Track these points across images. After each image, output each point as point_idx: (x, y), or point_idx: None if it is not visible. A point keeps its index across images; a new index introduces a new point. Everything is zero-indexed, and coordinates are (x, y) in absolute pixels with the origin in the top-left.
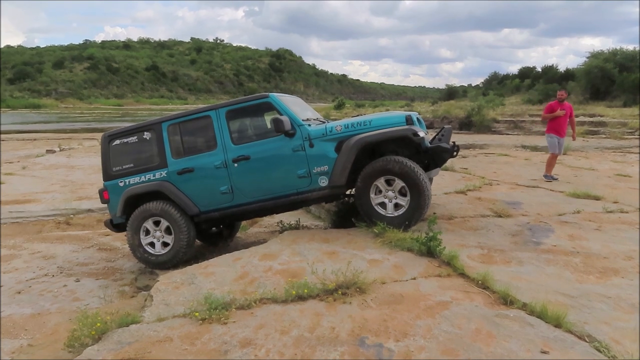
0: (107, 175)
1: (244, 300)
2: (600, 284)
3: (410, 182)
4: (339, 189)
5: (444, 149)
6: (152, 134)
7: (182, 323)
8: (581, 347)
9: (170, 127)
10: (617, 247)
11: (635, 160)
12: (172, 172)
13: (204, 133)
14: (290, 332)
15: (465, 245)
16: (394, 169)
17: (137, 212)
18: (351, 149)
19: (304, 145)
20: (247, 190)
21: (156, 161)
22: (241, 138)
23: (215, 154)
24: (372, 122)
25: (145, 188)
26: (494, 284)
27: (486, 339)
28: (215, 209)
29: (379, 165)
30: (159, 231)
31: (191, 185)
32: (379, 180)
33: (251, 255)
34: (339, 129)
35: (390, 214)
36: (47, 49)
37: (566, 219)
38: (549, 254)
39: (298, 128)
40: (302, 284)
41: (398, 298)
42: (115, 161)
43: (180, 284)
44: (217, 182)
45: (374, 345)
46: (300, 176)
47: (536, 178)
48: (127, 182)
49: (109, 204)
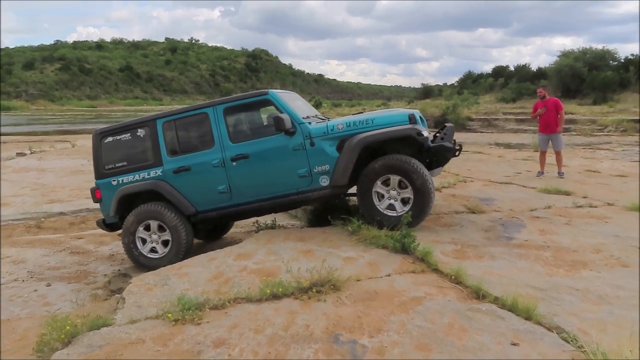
0: (99, 174)
1: (218, 300)
2: (569, 277)
3: (415, 181)
4: (341, 188)
5: (447, 149)
6: (147, 131)
7: (155, 324)
8: (550, 338)
9: (166, 124)
10: (586, 241)
11: (604, 156)
12: (168, 171)
13: (200, 130)
14: (264, 330)
15: (439, 242)
16: (399, 167)
17: (131, 214)
18: (354, 148)
19: (304, 144)
20: (246, 190)
21: (151, 159)
22: (239, 136)
23: (212, 152)
24: (374, 121)
25: (139, 187)
26: (466, 279)
27: (459, 333)
28: (213, 209)
29: (383, 163)
30: (154, 233)
31: (188, 184)
32: (382, 179)
33: (226, 255)
34: (340, 127)
35: (393, 213)
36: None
37: (537, 214)
38: (520, 248)
39: (298, 126)
40: (277, 283)
41: (372, 295)
42: (107, 159)
43: (153, 285)
44: (214, 181)
45: (348, 342)
46: (300, 175)
47: (509, 175)
48: (120, 181)
49: (102, 203)
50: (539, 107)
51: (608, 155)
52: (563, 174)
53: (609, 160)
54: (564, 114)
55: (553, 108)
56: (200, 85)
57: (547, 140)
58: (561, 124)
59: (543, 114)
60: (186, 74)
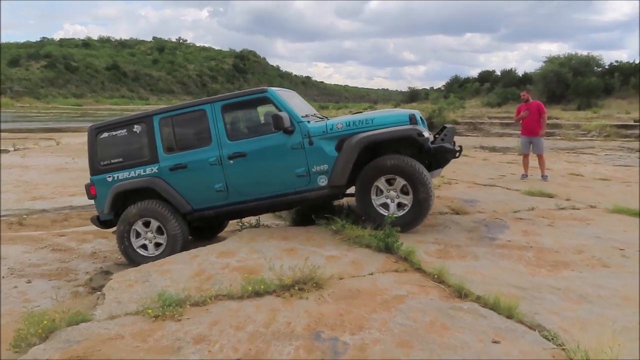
0: (94, 170)
1: (199, 296)
2: (551, 277)
3: (415, 182)
4: (339, 188)
5: (448, 150)
6: (143, 127)
7: (135, 320)
8: (531, 336)
9: (162, 120)
10: (568, 242)
11: (587, 160)
12: (164, 168)
13: (198, 127)
14: (245, 327)
15: (423, 241)
16: (400, 168)
17: (136, 207)
18: (353, 148)
19: (303, 143)
20: (243, 189)
21: (147, 156)
22: (237, 134)
23: (209, 149)
24: (374, 121)
25: (135, 184)
26: (449, 278)
27: (440, 331)
28: (209, 207)
29: (383, 163)
30: (150, 232)
31: (184, 182)
32: (381, 180)
33: (209, 252)
34: (340, 126)
35: (399, 212)
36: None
37: (521, 216)
38: (503, 248)
39: (297, 125)
40: (259, 280)
41: (355, 293)
42: (103, 155)
43: (135, 281)
44: (211, 180)
45: (329, 339)
46: (298, 175)
47: (493, 177)
48: (115, 177)
49: (96, 200)
50: (522, 110)
51: (591, 160)
52: (546, 177)
53: (592, 164)
54: (547, 118)
55: (536, 111)
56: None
57: (529, 143)
58: (543, 127)
59: (526, 117)
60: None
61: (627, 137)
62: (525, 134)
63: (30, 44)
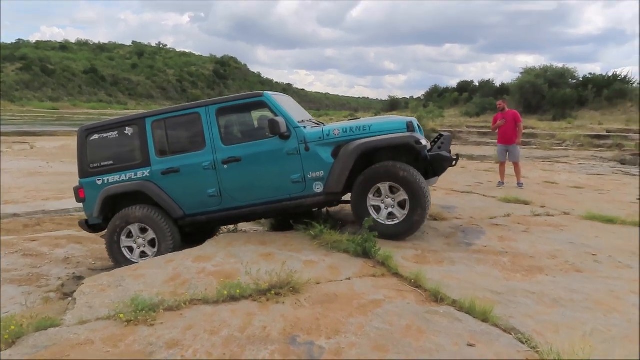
0: (84, 172)
1: (174, 301)
2: (525, 281)
3: (412, 190)
4: (335, 195)
5: (445, 158)
6: (135, 130)
7: (106, 325)
8: (505, 339)
9: (155, 123)
10: (543, 248)
11: (562, 169)
12: (156, 172)
13: (191, 131)
14: (220, 332)
15: (401, 247)
16: (397, 176)
17: (129, 211)
18: (350, 155)
19: (299, 149)
20: (237, 194)
21: (138, 159)
22: (232, 138)
23: (203, 154)
24: (371, 128)
25: (125, 188)
26: (426, 283)
27: (416, 335)
28: (202, 213)
29: (381, 170)
30: (142, 239)
31: (176, 186)
32: (378, 187)
33: (184, 257)
34: (336, 133)
35: (388, 221)
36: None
37: (497, 222)
38: (479, 254)
39: (294, 130)
40: (235, 285)
41: (332, 297)
42: (93, 157)
43: (107, 286)
44: (204, 184)
45: (305, 343)
46: (294, 181)
47: (471, 184)
48: (105, 181)
49: (85, 203)
50: (498, 119)
51: (566, 168)
52: (522, 185)
53: (566, 172)
54: (523, 127)
55: (512, 120)
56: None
57: (505, 151)
58: (519, 136)
59: (502, 126)
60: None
61: (600, 147)
62: (501, 142)
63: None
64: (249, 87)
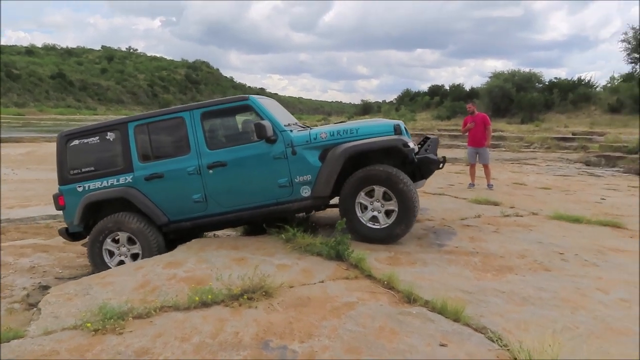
0: (63, 179)
1: (143, 309)
2: (496, 281)
3: (405, 205)
4: (322, 199)
5: (432, 161)
6: (117, 135)
7: (72, 335)
8: (477, 338)
9: (138, 127)
10: (513, 247)
11: (530, 170)
12: (139, 178)
13: (175, 136)
14: (191, 339)
15: (374, 249)
16: (396, 186)
17: (97, 227)
18: (338, 158)
19: (286, 153)
20: (223, 199)
21: (120, 165)
22: (217, 142)
23: (188, 158)
24: (359, 131)
25: (107, 194)
26: (399, 284)
27: (389, 336)
28: (187, 219)
29: (359, 177)
30: (125, 247)
31: (160, 192)
32: (362, 194)
33: (154, 263)
34: (324, 136)
35: (369, 223)
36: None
37: (468, 223)
38: (451, 254)
39: (280, 134)
40: (207, 290)
41: (305, 301)
42: (73, 163)
43: (74, 295)
44: (189, 190)
45: (278, 348)
46: (281, 185)
47: (442, 186)
48: (86, 187)
49: (65, 211)
50: (468, 121)
51: (534, 170)
52: (492, 186)
53: (534, 174)
54: (492, 130)
55: (481, 123)
56: (137, 96)
57: (475, 153)
58: (489, 138)
59: (472, 128)
60: (123, 84)
61: (566, 149)
62: (472, 144)
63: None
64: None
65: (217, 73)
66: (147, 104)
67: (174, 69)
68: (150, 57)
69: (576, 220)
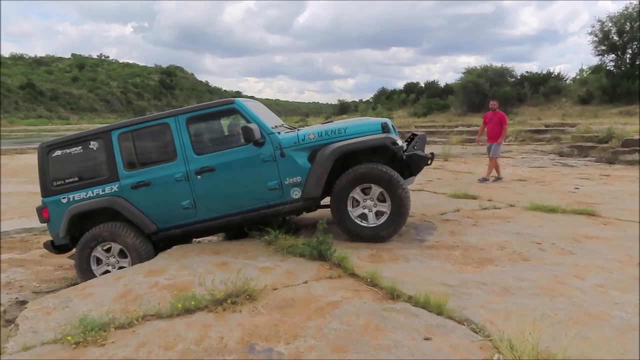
0: (47, 191)
1: (125, 318)
2: (477, 273)
3: (398, 210)
4: (313, 200)
5: (421, 157)
6: (100, 144)
7: (53, 349)
8: (460, 331)
9: (122, 135)
10: (492, 239)
11: (506, 163)
12: (125, 186)
13: (161, 142)
14: (175, 346)
15: (356, 247)
16: (394, 190)
17: (104, 229)
18: (327, 159)
19: (274, 155)
20: (212, 205)
21: (105, 174)
22: (204, 148)
23: (175, 165)
24: (347, 130)
25: (93, 204)
26: (382, 281)
27: (374, 332)
28: (176, 226)
29: (360, 172)
30: (115, 258)
31: (148, 200)
32: (357, 190)
33: (135, 272)
34: (312, 137)
35: (357, 219)
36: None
37: (447, 217)
38: (432, 249)
39: (268, 136)
40: (190, 297)
41: (289, 302)
42: (56, 174)
43: (53, 308)
44: (178, 197)
45: (263, 350)
46: (270, 188)
47: (421, 182)
48: (71, 198)
49: (49, 224)
50: (488, 117)
51: (509, 162)
52: (486, 180)
53: (510, 166)
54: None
55: (499, 121)
56: (111, 103)
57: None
58: (503, 135)
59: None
60: (95, 92)
61: (540, 141)
62: (490, 140)
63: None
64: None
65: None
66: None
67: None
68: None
69: (552, 210)
